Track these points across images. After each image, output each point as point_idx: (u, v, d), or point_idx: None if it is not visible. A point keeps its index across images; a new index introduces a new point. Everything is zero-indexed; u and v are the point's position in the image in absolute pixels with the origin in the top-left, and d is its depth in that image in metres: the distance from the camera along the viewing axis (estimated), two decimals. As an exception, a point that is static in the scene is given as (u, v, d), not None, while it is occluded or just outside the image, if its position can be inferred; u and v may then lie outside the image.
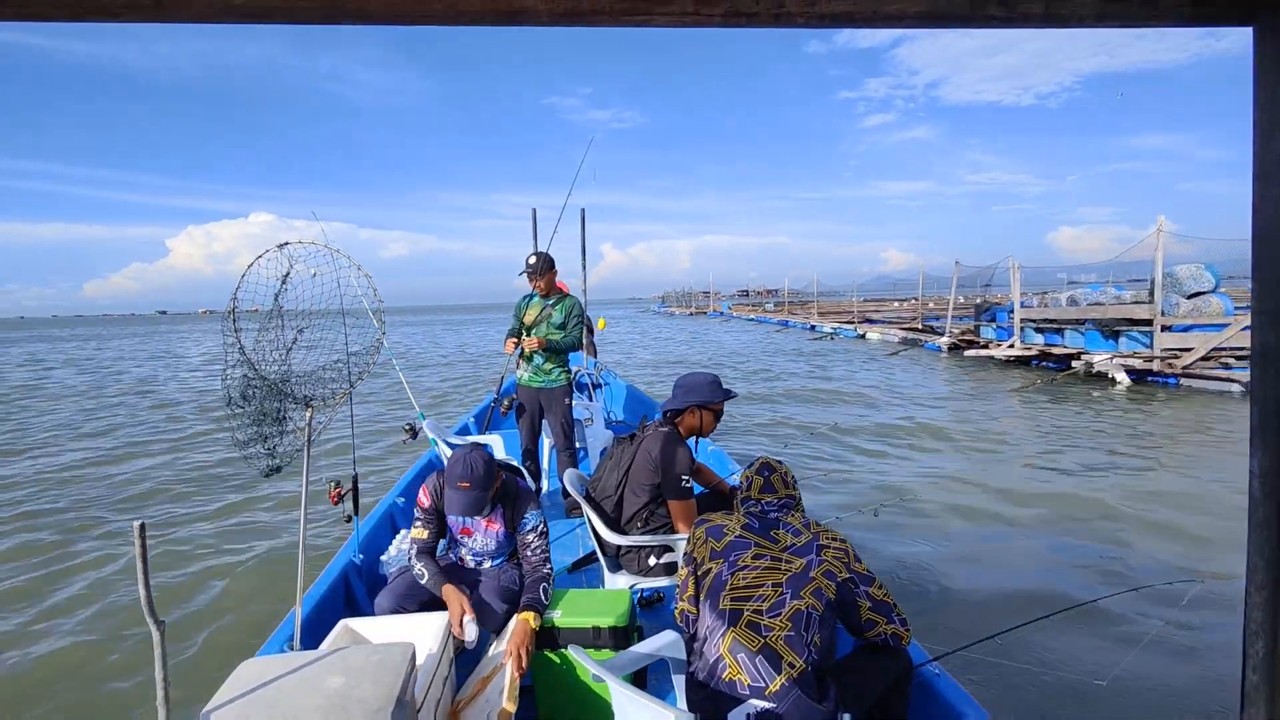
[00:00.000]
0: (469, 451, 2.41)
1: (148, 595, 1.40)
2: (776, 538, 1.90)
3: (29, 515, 6.23)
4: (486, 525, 2.59)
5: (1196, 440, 8.15)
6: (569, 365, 4.36)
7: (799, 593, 1.75)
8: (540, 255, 4.24)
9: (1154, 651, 3.34)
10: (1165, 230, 12.53)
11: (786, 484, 2.06)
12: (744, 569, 1.83)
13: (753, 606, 1.76)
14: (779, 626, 1.71)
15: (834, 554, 1.84)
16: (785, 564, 1.81)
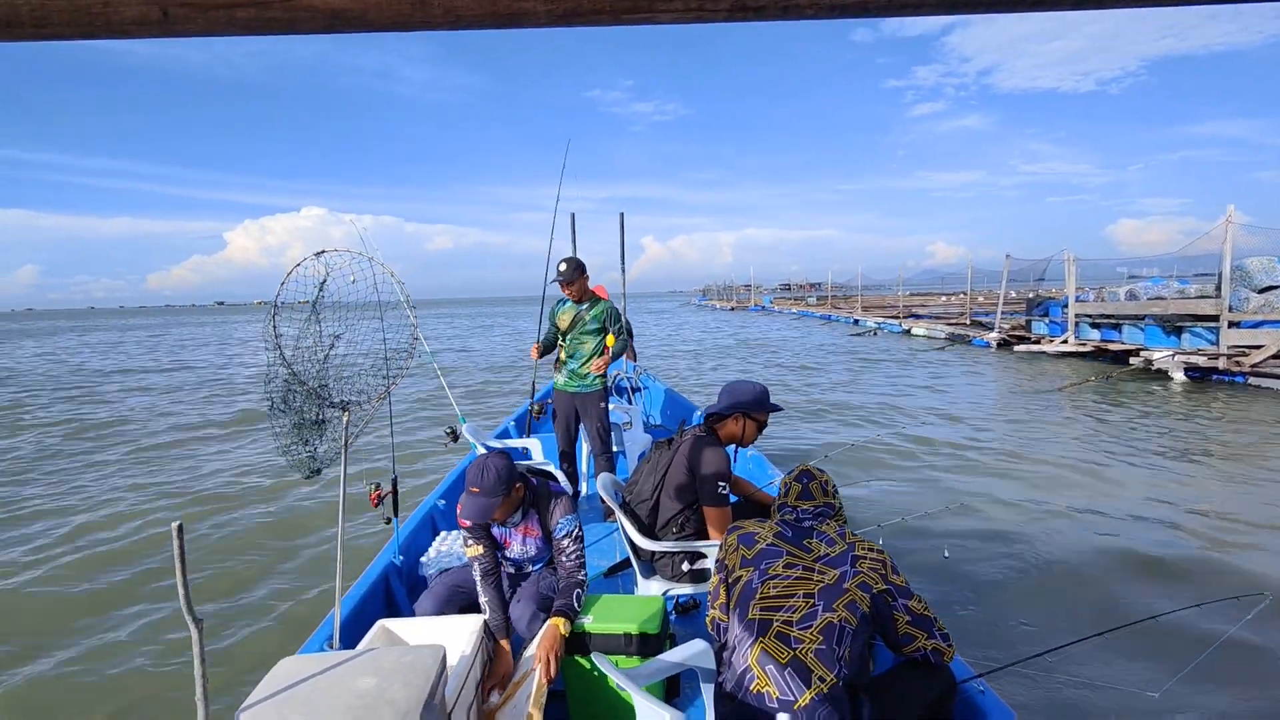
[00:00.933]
0: (488, 457, 2.39)
1: (186, 594, 1.44)
2: (810, 547, 1.85)
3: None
4: (524, 534, 2.59)
5: (1263, 442, 7.70)
6: (605, 369, 4.35)
7: (831, 605, 1.70)
8: (569, 261, 4.23)
9: (1213, 667, 3.15)
10: (1235, 221, 11.86)
11: (826, 491, 2.01)
12: (775, 578, 1.79)
13: (782, 617, 1.72)
14: (809, 639, 1.67)
15: (870, 565, 1.78)
16: (818, 575, 1.77)
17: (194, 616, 1.49)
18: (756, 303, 57.70)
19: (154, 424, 10.88)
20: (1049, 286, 20.22)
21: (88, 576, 4.77)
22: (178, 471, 7.79)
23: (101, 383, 16.88)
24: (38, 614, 4.27)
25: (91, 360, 23.91)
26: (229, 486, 7.14)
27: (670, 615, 2.75)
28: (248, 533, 5.64)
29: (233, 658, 3.57)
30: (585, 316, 4.26)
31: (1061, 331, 16.12)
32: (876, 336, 24.45)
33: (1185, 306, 12.63)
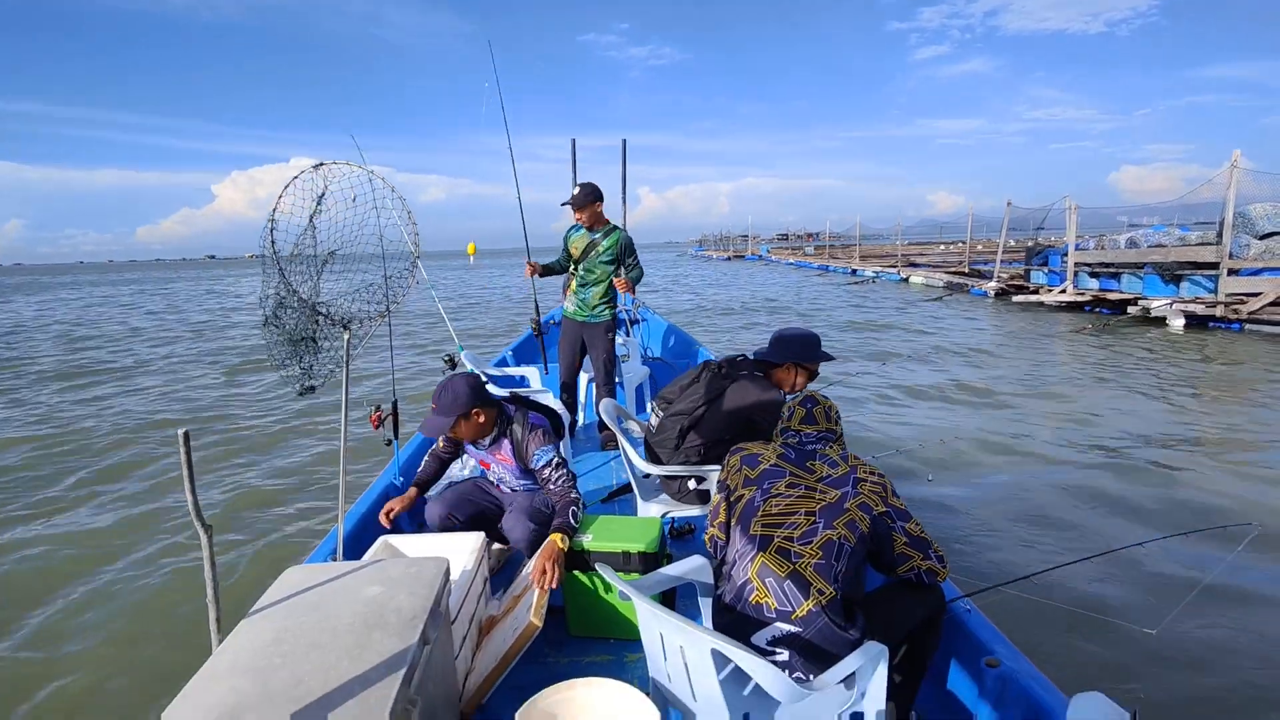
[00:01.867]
0: (453, 377, 2.50)
1: (194, 500, 1.45)
2: (813, 468, 1.88)
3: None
4: (498, 459, 2.66)
5: (1256, 385, 7.79)
6: (614, 301, 4.30)
7: (831, 523, 1.74)
8: (583, 186, 4.10)
9: (1208, 599, 3.19)
10: (1240, 168, 11.68)
11: (829, 418, 2.02)
12: (777, 496, 1.83)
13: (784, 533, 1.76)
14: (809, 554, 1.71)
15: (871, 487, 1.81)
16: (820, 494, 1.80)
17: (203, 522, 1.51)
18: (754, 252, 57.22)
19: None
20: (1049, 235, 20.04)
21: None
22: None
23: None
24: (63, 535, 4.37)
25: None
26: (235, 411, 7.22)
27: (667, 538, 2.81)
28: (252, 456, 5.74)
29: (238, 572, 3.68)
30: (600, 246, 4.15)
31: (1060, 281, 16.06)
32: (874, 285, 24.37)
33: (1186, 254, 12.55)
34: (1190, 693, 2.71)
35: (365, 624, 1.63)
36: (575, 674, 2.13)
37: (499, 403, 2.65)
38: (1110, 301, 14.21)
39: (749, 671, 1.46)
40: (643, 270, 4.26)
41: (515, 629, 2.04)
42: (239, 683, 1.44)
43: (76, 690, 2.87)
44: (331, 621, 1.64)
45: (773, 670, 1.43)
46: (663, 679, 1.70)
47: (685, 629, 1.48)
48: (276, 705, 1.38)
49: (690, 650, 1.51)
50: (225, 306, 23.77)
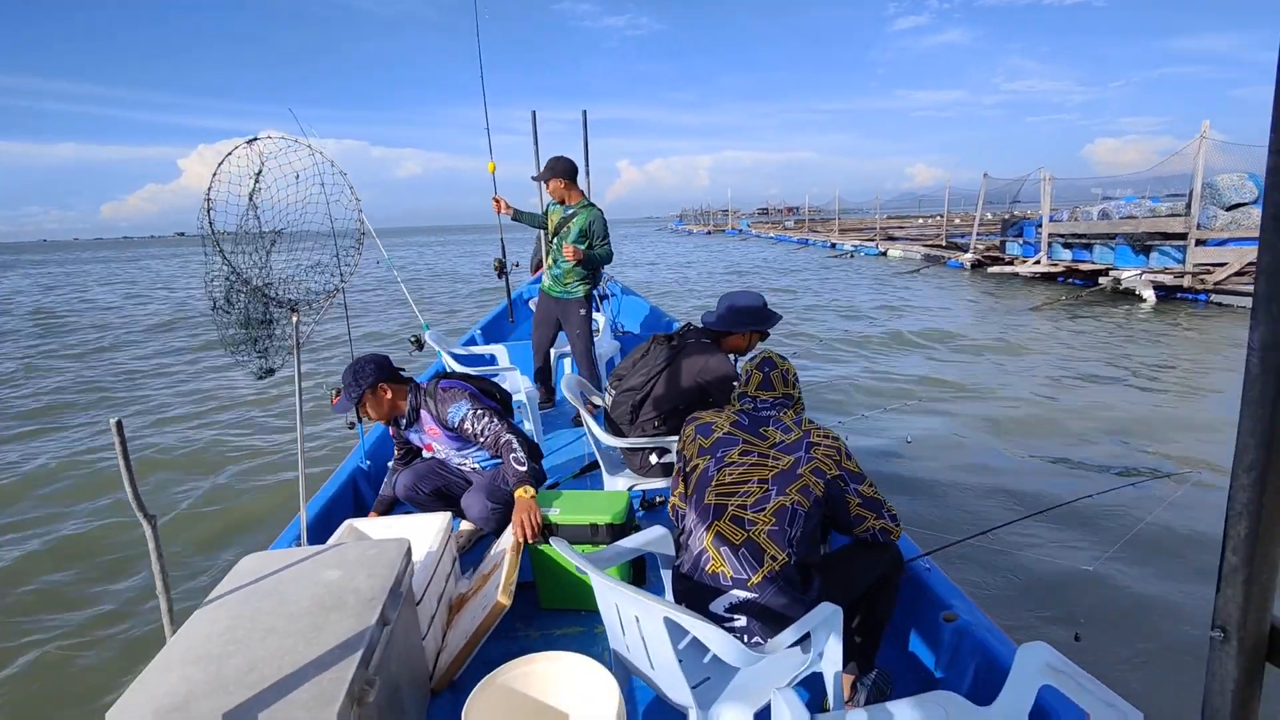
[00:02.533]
0: (357, 358, 2.55)
1: (134, 490, 1.42)
2: (765, 435, 1.87)
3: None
4: (428, 433, 2.70)
5: (1213, 353, 7.98)
6: (589, 278, 4.26)
7: (784, 489, 1.74)
8: (550, 161, 4.07)
9: (1145, 540, 3.40)
10: (1209, 138, 11.81)
11: (786, 382, 2.00)
12: (730, 465, 1.83)
13: (737, 501, 1.77)
14: (762, 521, 1.72)
15: (824, 451, 1.81)
16: (772, 461, 1.81)
17: (145, 512, 1.48)
18: (734, 227, 57.10)
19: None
20: (1024, 207, 20.20)
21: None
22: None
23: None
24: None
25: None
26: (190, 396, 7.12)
27: (637, 511, 2.83)
28: (216, 444, 5.66)
29: (198, 562, 3.64)
30: (570, 223, 4.11)
31: (1035, 252, 16.24)
32: (853, 259, 24.47)
33: (1156, 225, 12.73)
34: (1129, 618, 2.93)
35: (322, 607, 1.62)
36: (545, 647, 2.15)
37: (409, 380, 2.70)
38: (1082, 272, 14.42)
39: (702, 639, 1.48)
40: (611, 253, 4.20)
41: (484, 607, 2.04)
42: (190, 671, 1.43)
43: (23, 692, 2.82)
44: (288, 606, 1.63)
45: (725, 636, 1.45)
46: (622, 650, 1.72)
47: (639, 600, 1.50)
48: (229, 692, 1.37)
49: (645, 620, 1.53)
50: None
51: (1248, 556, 0.81)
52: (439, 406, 2.60)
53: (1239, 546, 0.82)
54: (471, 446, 2.72)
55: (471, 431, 2.55)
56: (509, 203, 4.47)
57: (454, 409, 2.57)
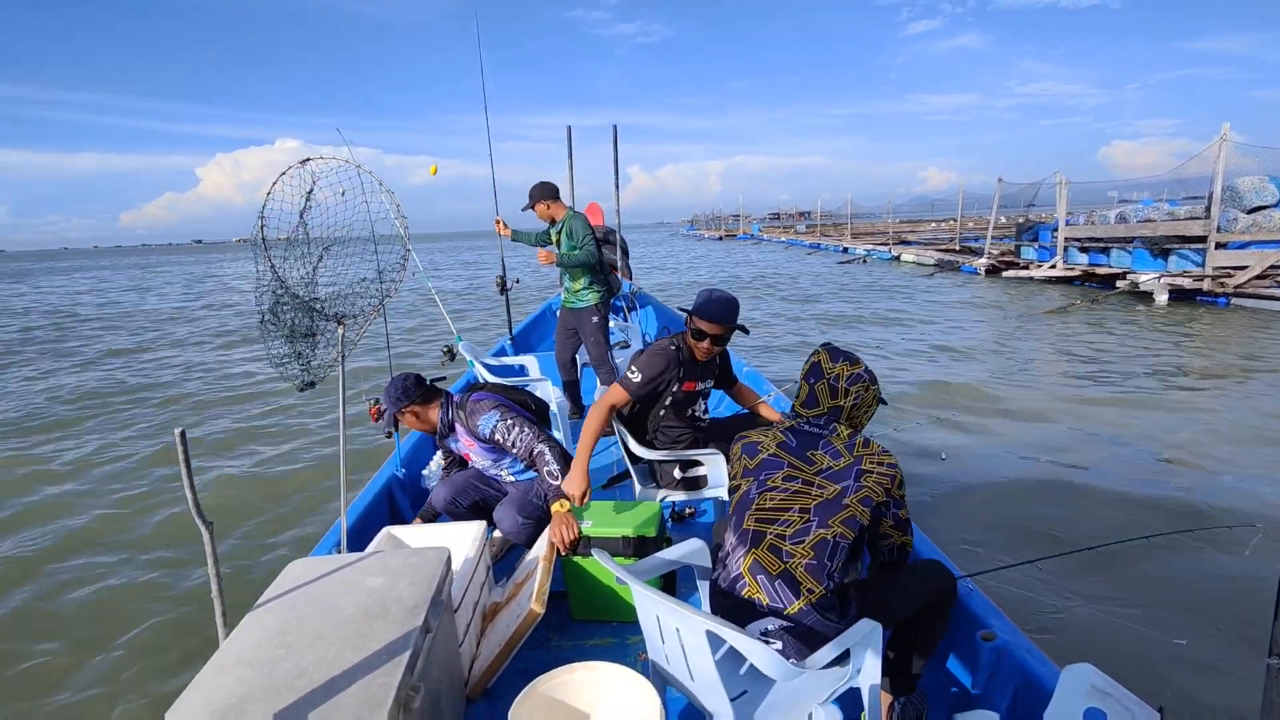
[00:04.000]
0: (397, 375, 2.71)
1: (194, 497, 1.47)
2: (813, 459, 1.75)
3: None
4: (465, 444, 2.79)
5: (1240, 361, 7.88)
6: (600, 285, 4.33)
7: (826, 521, 1.67)
8: (531, 189, 4.26)
9: (1221, 600, 3.10)
10: (1229, 141, 11.70)
11: (835, 392, 1.81)
12: (773, 490, 1.76)
13: (776, 530, 1.70)
14: (800, 554, 1.66)
15: (876, 479, 1.70)
16: (817, 489, 1.71)
17: (204, 519, 1.53)
18: (745, 231, 57.06)
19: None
20: (1040, 211, 20.07)
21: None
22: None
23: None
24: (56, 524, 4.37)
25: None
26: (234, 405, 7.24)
27: (667, 522, 2.84)
28: (254, 450, 5.75)
29: (243, 566, 3.72)
30: (560, 235, 4.31)
31: (1050, 256, 16.12)
32: (866, 264, 24.38)
33: (1174, 228, 12.62)
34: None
35: (367, 614, 1.66)
36: (578, 657, 2.17)
37: (441, 393, 2.81)
38: (1099, 276, 14.30)
39: (744, 652, 1.49)
40: (588, 254, 4.17)
41: (518, 615, 2.07)
42: (244, 674, 1.47)
43: (87, 686, 2.91)
44: (334, 613, 1.67)
45: (766, 649, 1.47)
46: (661, 660, 1.74)
47: (681, 611, 1.52)
48: (281, 695, 1.41)
49: (686, 632, 1.55)
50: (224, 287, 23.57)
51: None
52: (469, 419, 2.68)
53: (1296, 571, 0.82)
54: (506, 458, 2.77)
55: (505, 441, 2.61)
56: (507, 223, 4.64)
57: (484, 420, 2.63)
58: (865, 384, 1.84)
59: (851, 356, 1.87)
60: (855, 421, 1.86)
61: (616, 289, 4.52)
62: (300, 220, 1.97)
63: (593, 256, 4.19)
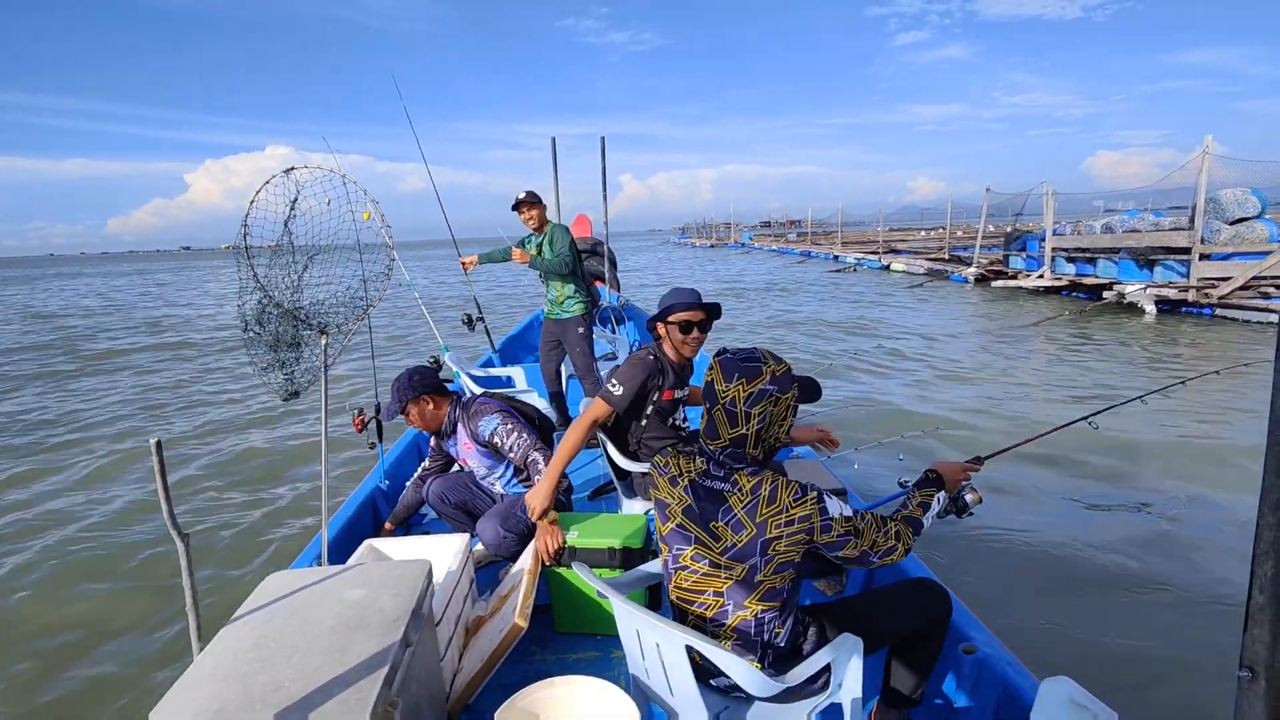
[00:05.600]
0: (407, 369, 2.71)
1: (169, 509, 1.45)
2: (717, 533, 1.54)
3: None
4: (463, 448, 2.79)
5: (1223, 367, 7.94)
6: (583, 296, 4.36)
7: (742, 603, 1.54)
8: (529, 194, 4.28)
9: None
10: (1211, 153, 11.87)
11: (734, 420, 1.51)
12: (684, 569, 1.63)
13: (696, 612, 1.62)
14: (726, 634, 1.59)
15: (789, 543, 1.49)
16: (725, 571, 1.55)
17: (179, 531, 1.51)
18: (736, 240, 57.31)
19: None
20: (1027, 221, 20.27)
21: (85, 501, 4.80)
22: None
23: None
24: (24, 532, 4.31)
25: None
26: (217, 413, 7.16)
27: (653, 533, 2.83)
28: (234, 458, 5.69)
29: (221, 578, 3.66)
30: (543, 246, 4.32)
31: (1038, 266, 16.27)
32: (856, 273, 24.52)
33: (1159, 239, 12.76)
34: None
35: (347, 627, 1.64)
36: (561, 671, 2.15)
37: (452, 393, 2.81)
38: (1086, 286, 14.43)
39: (723, 668, 1.49)
40: (563, 263, 4.21)
41: (501, 629, 2.06)
42: (219, 688, 1.45)
43: (54, 703, 2.85)
44: (313, 625, 1.65)
45: (747, 666, 1.46)
46: (642, 675, 1.73)
47: (661, 626, 1.51)
48: (256, 710, 1.39)
49: (666, 647, 1.54)
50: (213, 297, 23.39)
51: (1274, 595, 0.82)
52: (471, 421, 2.70)
53: (1265, 585, 0.83)
54: (500, 466, 2.78)
55: (502, 445, 2.63)
56: (472, 255, 4.68)
57: (485, 422, 2.66)
58: (772, 398, 1.50)
59: (750, 368, 1.51)
60: (768, 443, 1.56)
61: (598, 300, 4.53)
62: (285, 229, 1.96)
63: (567, 265, 4.21)
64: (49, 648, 3.22)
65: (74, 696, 2.87)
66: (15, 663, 3.10)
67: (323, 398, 2.24)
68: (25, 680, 2.98)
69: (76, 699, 2.86)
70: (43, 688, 2.93)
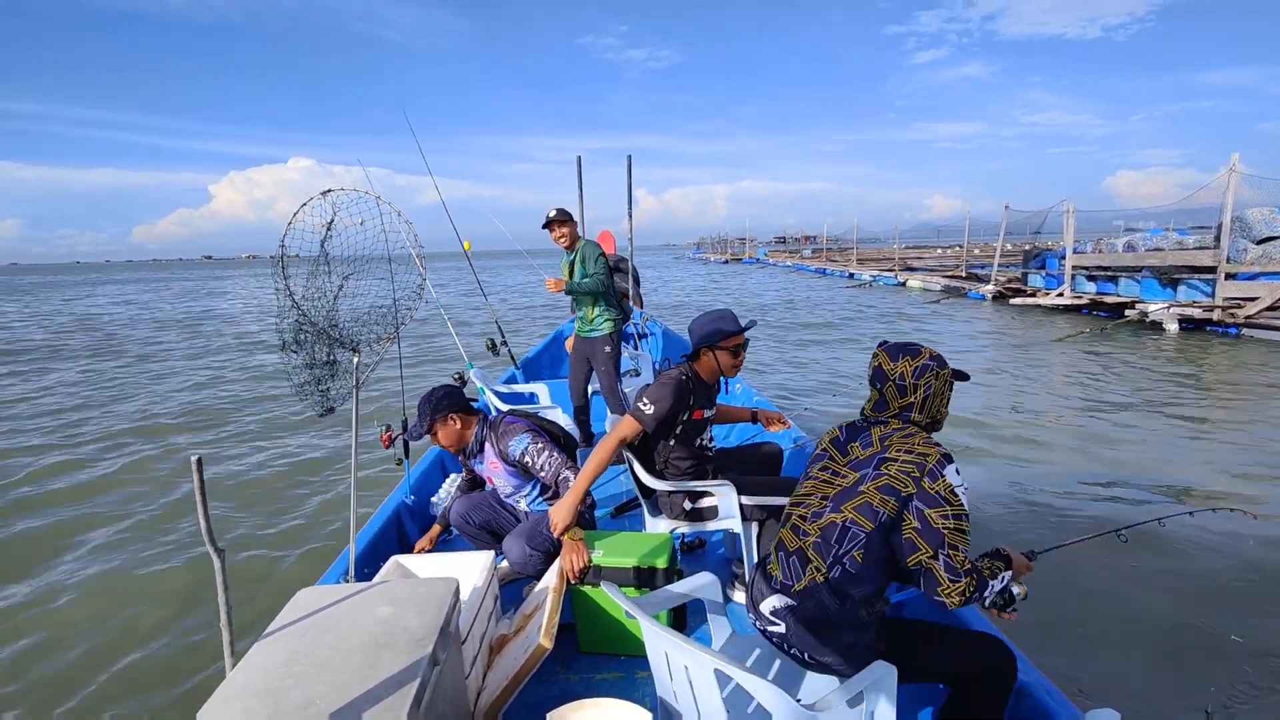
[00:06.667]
0: (434, 387, 2.72)
1: (208, 525, 1.47)
2: (849, 451, 1.79)
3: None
4: (490, 466, 2.80)
5: (1253, 388, 7.82)
6: (612, 314, 4.34)
7: (840, 506, 1.69)
8: (560, 211, 4.27)
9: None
10: (1238, 171, 11.74)
11: (904, 391, 1.77)
12: (810, 479, 1.85)
13: (799, 512, 1.80)
14: (812, 532, 1.73)
15: (900, 468, 1.63)
16: (840, 477, 1.75)
17: (216, 546, 1.53)
18: (751, 255, 57.34)
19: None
20: (1046, 238, 20.11)
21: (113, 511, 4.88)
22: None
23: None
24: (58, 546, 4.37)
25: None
26: (246, 428, 7.26)
27: (677, 554, 2.82)
28: (265, 475, 5.75)
29: (252, 592, 3.69)
30: (575, 265, 4.32)
31: (1058, 284, 16.11)
32: (871, 289, 24.41)
33: (1183, 258, 12.61)
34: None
35: (376, 644, 1.65)
36: (586, 692, 2.14)
37: (479, 412, 2.81)
38: (1107, 305, 14.27)
39: (751, 692, 1.48)
40: (597, 282, 4.18)
41: (526, 649, 2.05)
42: (252, 704, 1.46)
43: (89, 710, 2.88)
44: (343, 642, 1.66)
45: (775, 691, 1.45)
46: (670, 698, 1.72)
47: (689, 649, 1.50)
48: (290, 727, 1.40)
49: (695, 670, 1.53)
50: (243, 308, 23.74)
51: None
52: (500, 440, 2.69)
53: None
54: (527, 485, 2.78)
55: (533, 465, 2.62)
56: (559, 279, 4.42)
57: (515, 442, 2.65)
58: (934, 372, 1.77)
59: (911, 349, 1.81)
60: (933, 413, 1.80)
61: (629, 316, 4.53)
62: (322, 250, 2.00)
63: (602, 285, 4.22)
64: (77, 655, 3.25)
65: (103, 711, 2.88)
66: (47, 669, 3.14)
67: (354, 415, 2.27)
68: (54, 687, 3.00)
69: (107, 708, 2.87)
70: (72, 695, 2.95)
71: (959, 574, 1.56)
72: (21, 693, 2.98)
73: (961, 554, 1.58)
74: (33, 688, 3.03)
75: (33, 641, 3.39)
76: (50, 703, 2.92)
